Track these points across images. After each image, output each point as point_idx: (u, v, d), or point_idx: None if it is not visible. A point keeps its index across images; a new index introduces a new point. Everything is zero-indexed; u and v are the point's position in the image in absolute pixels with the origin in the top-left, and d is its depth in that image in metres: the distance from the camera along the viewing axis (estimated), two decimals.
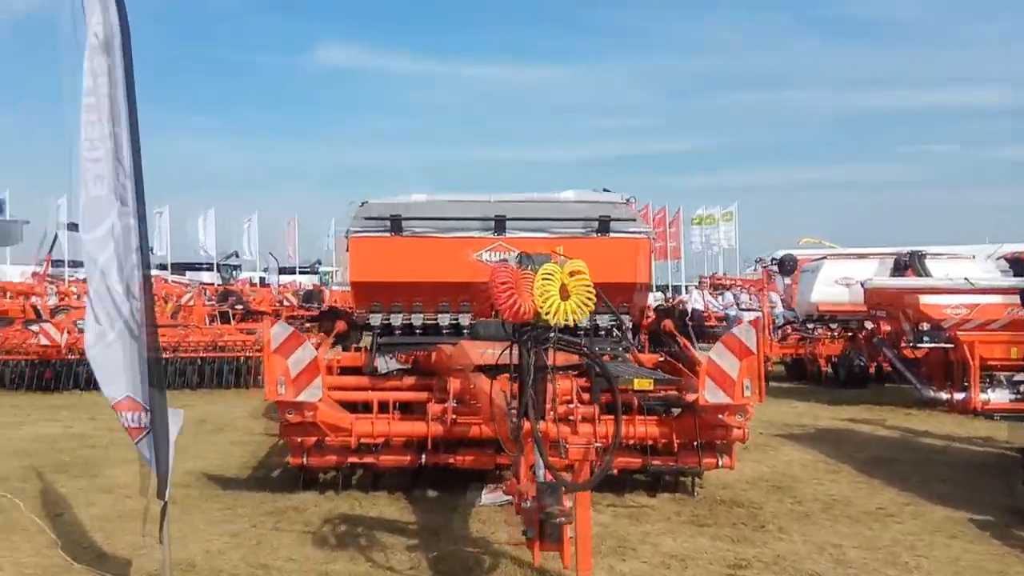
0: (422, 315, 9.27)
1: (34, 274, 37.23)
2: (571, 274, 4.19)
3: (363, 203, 9.76)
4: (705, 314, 22.03)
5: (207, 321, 20.73)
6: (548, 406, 4.93)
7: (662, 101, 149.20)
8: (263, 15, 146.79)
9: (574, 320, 4.21)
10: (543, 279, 4.14)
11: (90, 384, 13.97)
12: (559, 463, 4.77)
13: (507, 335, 4.82)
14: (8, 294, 27.29)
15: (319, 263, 55.12)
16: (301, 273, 50.59)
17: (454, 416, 6.98)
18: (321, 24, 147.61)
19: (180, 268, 47.10)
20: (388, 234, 8.99)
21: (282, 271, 50.32)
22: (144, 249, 4.19)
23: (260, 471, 8.52)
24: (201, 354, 14.45)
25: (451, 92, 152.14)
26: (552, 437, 4.77)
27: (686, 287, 30.01)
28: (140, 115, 4.22)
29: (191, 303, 24.68)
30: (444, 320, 9.25)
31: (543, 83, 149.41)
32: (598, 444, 5.16)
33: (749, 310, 22.01)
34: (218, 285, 36.80)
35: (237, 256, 51.87)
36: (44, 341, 13.81)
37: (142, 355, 4.27)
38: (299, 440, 7.20)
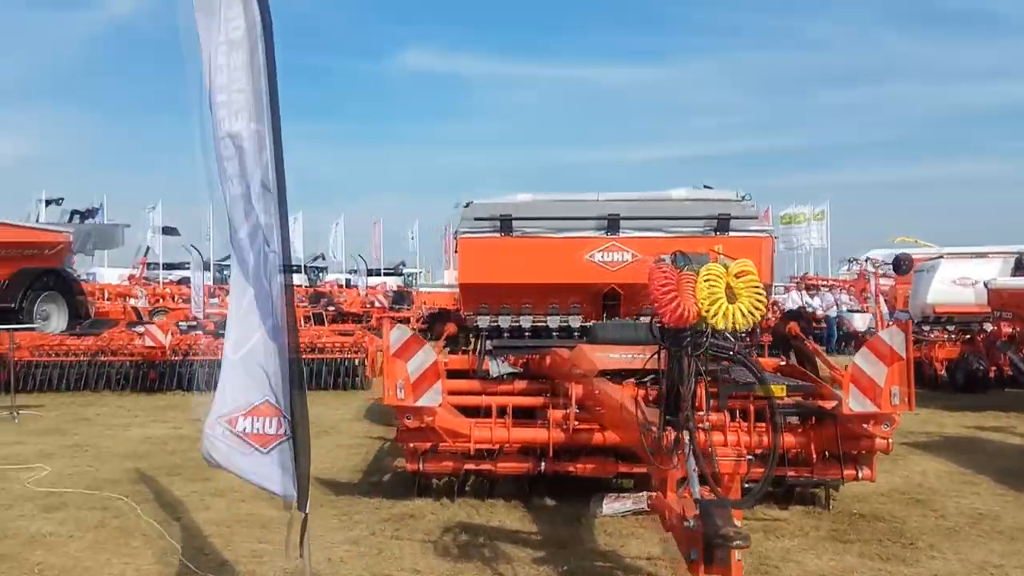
0: (531, 317, 9.04)
1: (130, 277, 38.24)
2: (737, 275, 3.87)
3: (467, 204, 9.57)
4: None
5: (301, 323, 20.81)
6: (696, 416, 4.61)
7: (750, 99, 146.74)
8: (349, 22, 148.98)
9: (736, 326, 3.88)
10: (707, 280, 3.83)
11: (193, 385, 14.14)
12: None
13: (654, 339, 4.52)
14: (107, 296, 28.00)
15: (403, 265, 55.51)
16: (386, 275, 50.93)
17: (576, 423, 6.70)
18: (408, 29, 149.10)
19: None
20: (498, 235, 8.77)
21: (370, 273, 50.80)
22: (285, 248, 4.00)
23: (372, 476, 8.35)
24: (304, 355, 14.45)
25: (536, 94, 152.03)
26: (704, 448, 4.47)
27: (783, 287, 29.23)
28: None
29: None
30: (554, 322, 9.01)
31: (632, 83, 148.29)
32: (750, 456, 4.82)
33: (854, 311, 21.25)
34: (308, 287, 37.19)
35: (323, 258, 52.60)
36: (149, 342, 13.96)
37: (283, 357, 4.07)
38: (414, 446, 7.01)
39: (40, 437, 10.27)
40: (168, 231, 43.75)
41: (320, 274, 52.18)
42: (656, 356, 4.60)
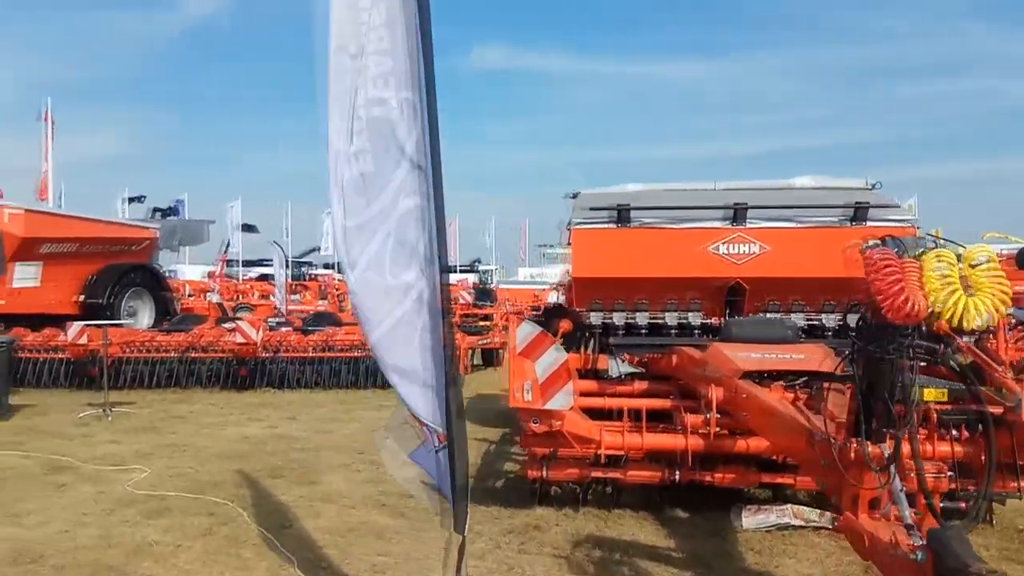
0: (646, 313, 8.46)
1: (209, 273, 38.57)
2: (974, 264, 3.26)
3: (574, 195, 9.05)
4: None
5: None
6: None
7: (825, 93, 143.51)
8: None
9: (974, 323, 3.26)
10: (939, 269, 3.23)
11: (284, 382, 13.85)
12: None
13: (855, 337, 3.92)
14: (189, 292, 28.12)
15: (478, 262, 55.22)
16: (462, 271, 50.66)
17: (717, 428, 6.12)
18: (477, 26, 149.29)
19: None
20: (614, 225, 8.21)
21: (442, 270, 50.52)
22: (441, 230, 3.48)
23: (484, 481, 7.88)
24: None
25: (606, 90, 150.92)
26: (906, 462, 3.87)
27: None
28: (294, 120, 3.53)
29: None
30: (671, 319, 8.42)
31: (702, 78, 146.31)
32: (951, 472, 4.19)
33: None
34: None
35: None
36: (240, 339, 13.68)
37: (437, 353, 3.56)
38: (538, 451, 6.52)
39: (135, 436, 10.02)
40: (247, 228, 44.11)
41: None
42: (851, 357, 3.99)
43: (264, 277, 39.69)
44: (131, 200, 39.87)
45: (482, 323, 21.96)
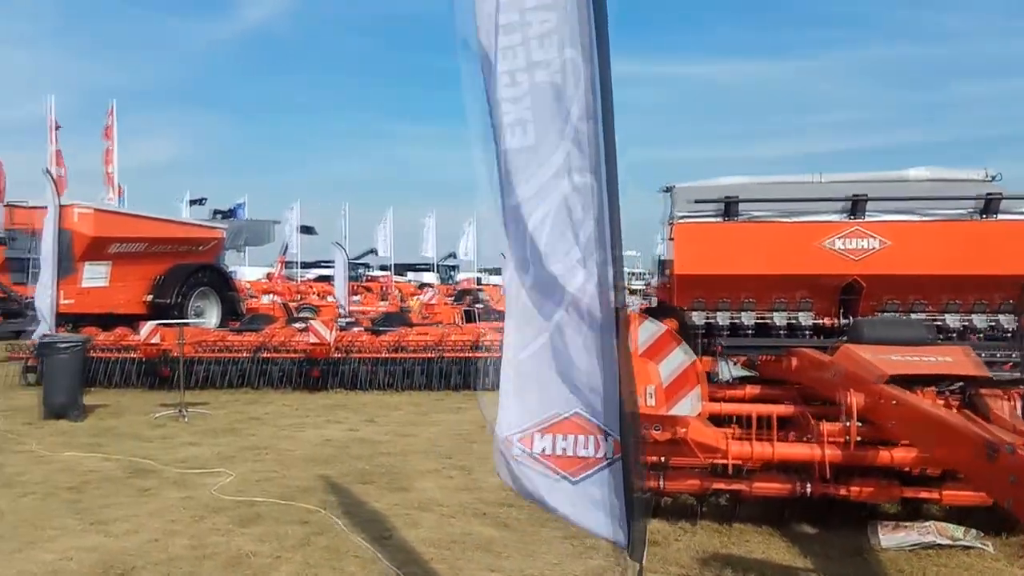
0: (752, 313, 7.94)
1: (268, 275, 38.63)
2: None
3: (668, 188, 8.56)
4: None
5: (457, 320, 20.14)
6: None
7: (882, 93, 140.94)
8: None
9: None
10: None
11: (356, 383, 13.51)
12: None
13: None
14: (251, 292, 28.04)
15: None
16: None
17: (858, 438, 5.58)
18: None
19: (401, 269, 47.89)
20: (720, 219, 7.71)
21: (495, 271, 50.34)
22: (613, 215, 3.02)
23: None
24: (468, 354, 13.65)
25: (657, 92, 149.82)
26: None
27: None
28: (350, 124, 3.11)
29: (432, 301, 24.43)
30: (779, 319, 7.89)
31: (755, 79, 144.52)
32: None
33: None
34: (451, 284, 36.79)
35: (454, 256, 52.40)
36: (313, 339, 13.37)
37: (609, 356, 3.11)
38: (652, 459, 6.04)
39: (214, 438, 9.72)
40: (306, 230, 44.19)
41: (451, 272, 52.05)
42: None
43: (322, 278, 39.68)
44: (192, 203, 40.12)
45: None
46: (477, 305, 23.16)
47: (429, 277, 46.12)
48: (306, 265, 45.40)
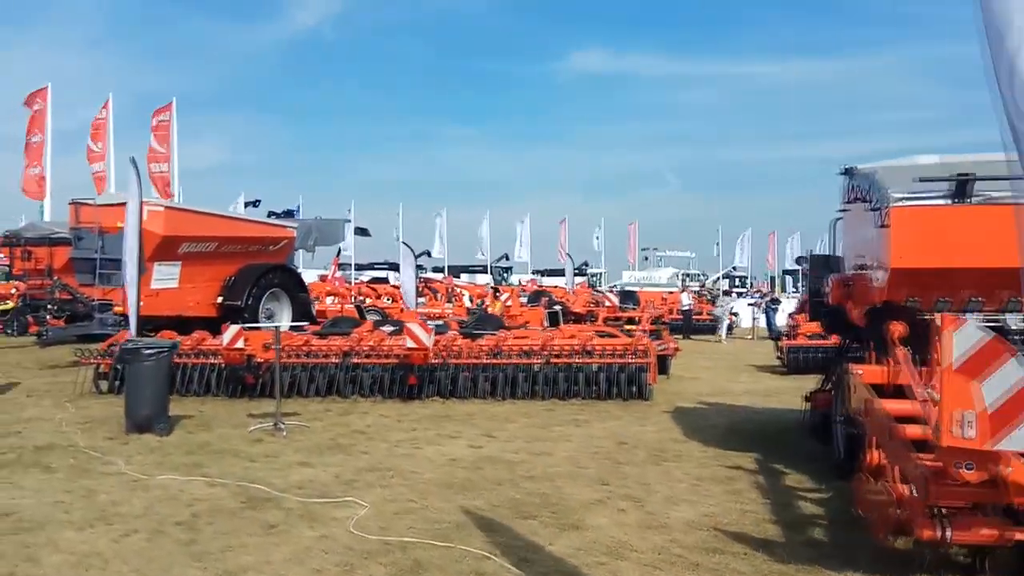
0: (978, 314, 6.55)
1: (321, 277, 37.55)
2: None
3: (847, 170, 7.24)
4: None
5: (544, 323, 18.81)
6: None
7: (940, 93, 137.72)
8: (519, 25, 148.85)
9: None
10: None
11: (453, 391, 12.23)
12: None
13: None
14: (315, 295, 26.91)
15: (586, 264, 53.36)
16: (576, 275, 48.86)
17: None
18: (575, 31, 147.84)
19: (455, 270, 46.74)
20: (951, 202, 6.33)
21: (551, 273, 48.97)
22: None
23: (800, 531, 6.04)
24: (575, 360, 12.30)
25: (707, 92, 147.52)
26: None
27: None
28: (399, 127, 1.85)
29: (508, 303, 23.11)
30: (1013, 321, 6.50)
31: (808, 78, 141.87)
32: None
33: None
34: (524, 285, 35.51)
35: (507, 258, 51.09)
36: (410, 343, 12.05)
37: None
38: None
39: (323, 456, 8.46)
40: (360, 232, 43.01)
41: (504, 274, 50.75)
42: None
43: (376, 280, 38.56)
44: (247, 204, 39.10)
45: (628, 327, 20.09)
46: (555, 307, 21.80)
47: (483, 279, 44.86)
48: (360, 267, 44.29)
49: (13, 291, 23.29)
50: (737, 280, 53.03)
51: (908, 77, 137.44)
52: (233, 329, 12.37)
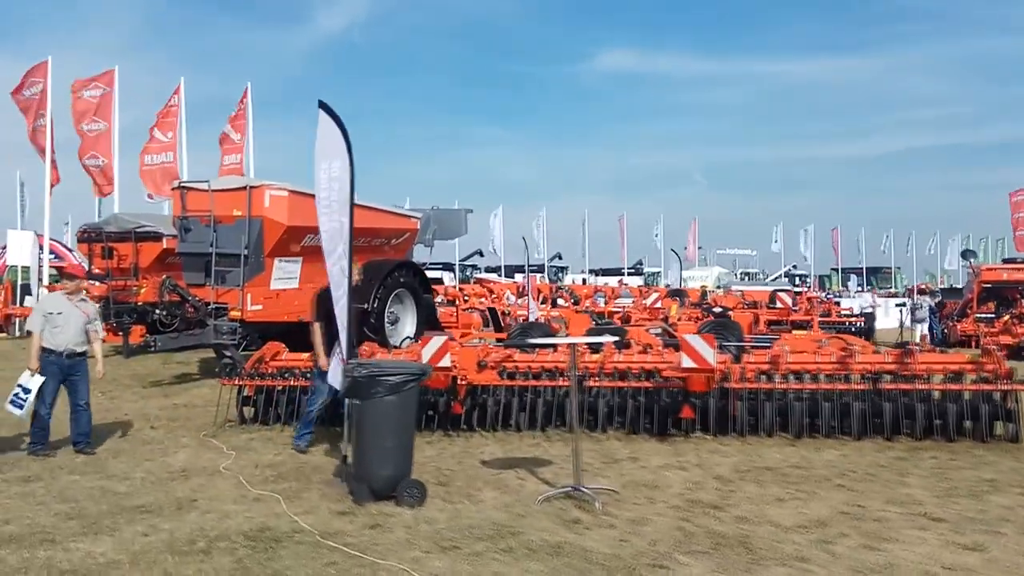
0: None
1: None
2: None
3: None
4: None
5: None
6: None
7: (970, 89, 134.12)
8: (545, 27, 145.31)
9: None
10: None
11: (726, 425, 8.74)
12: None
13: None
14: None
15: (641, 263, 50.01)
16: (630, 274, 45.51)
17: None
18: (601, 30, 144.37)
19: (509, 270, 43.43)
20: None
21: (608, 272, 45.71)
22: None
23: None
24: (917, 386, 8.70)
25: (736, 91, 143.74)
26: None
27: None
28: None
29: (645, 303, 19.64)
30: None
31: (838, 76, 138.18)
32: None
33: None
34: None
35: (560, 257, 47.85)
36: (688, 362, 8.49)
37: None
38: None
39: (696, 558, 4.98)
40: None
41: (560, 273, 47.43)
42: None
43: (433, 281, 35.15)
44: None
45: (797, 332, 16.63)
46: (714, 310, 18.25)
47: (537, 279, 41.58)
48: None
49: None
50: (797, 279, 49.53)
51: (935, 74, 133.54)
52: (438, 340, 8.88)
